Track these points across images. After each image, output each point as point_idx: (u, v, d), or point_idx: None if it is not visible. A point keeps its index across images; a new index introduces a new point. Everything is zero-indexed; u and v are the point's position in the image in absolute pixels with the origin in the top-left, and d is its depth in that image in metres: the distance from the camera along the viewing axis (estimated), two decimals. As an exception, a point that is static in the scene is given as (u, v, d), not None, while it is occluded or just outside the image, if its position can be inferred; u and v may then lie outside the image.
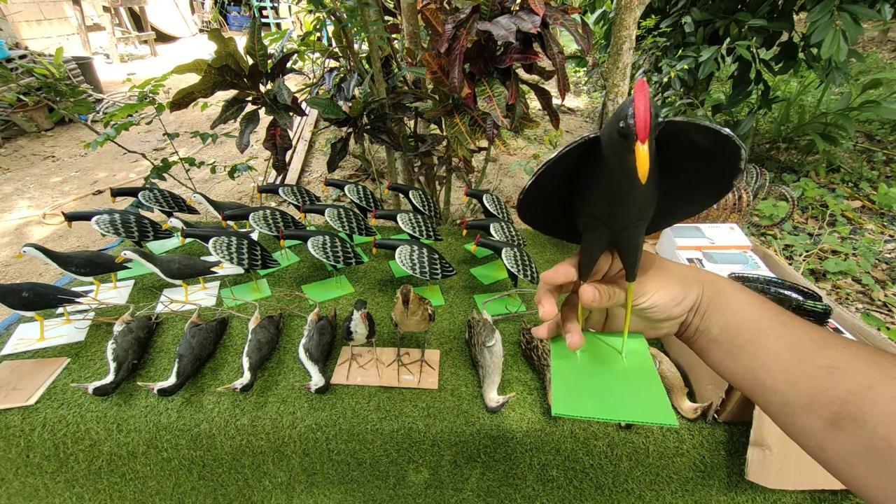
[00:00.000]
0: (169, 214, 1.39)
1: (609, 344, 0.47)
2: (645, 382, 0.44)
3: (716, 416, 0.86)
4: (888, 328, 2.00)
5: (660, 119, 0.29)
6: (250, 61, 1.46)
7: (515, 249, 1.18)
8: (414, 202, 1.43)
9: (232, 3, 9.51)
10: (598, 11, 3.84)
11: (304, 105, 1.66)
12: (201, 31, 9.30)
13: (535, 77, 1.57)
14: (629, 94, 2.95)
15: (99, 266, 1.13)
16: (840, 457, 0.34)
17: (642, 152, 0.29)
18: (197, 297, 1.18)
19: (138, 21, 7.78)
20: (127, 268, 1.19)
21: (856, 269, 2.32)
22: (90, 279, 1.15)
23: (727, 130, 0.32)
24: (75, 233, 2.92)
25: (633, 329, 0.46)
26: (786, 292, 0.88)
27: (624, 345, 0.46)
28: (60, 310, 1.09)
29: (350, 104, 1.63)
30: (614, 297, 0.42)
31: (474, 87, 1.43)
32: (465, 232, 1.30)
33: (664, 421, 0.40)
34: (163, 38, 8.43)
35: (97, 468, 0.87)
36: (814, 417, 0.35)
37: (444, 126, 1.61)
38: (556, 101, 4.91)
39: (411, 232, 1.29)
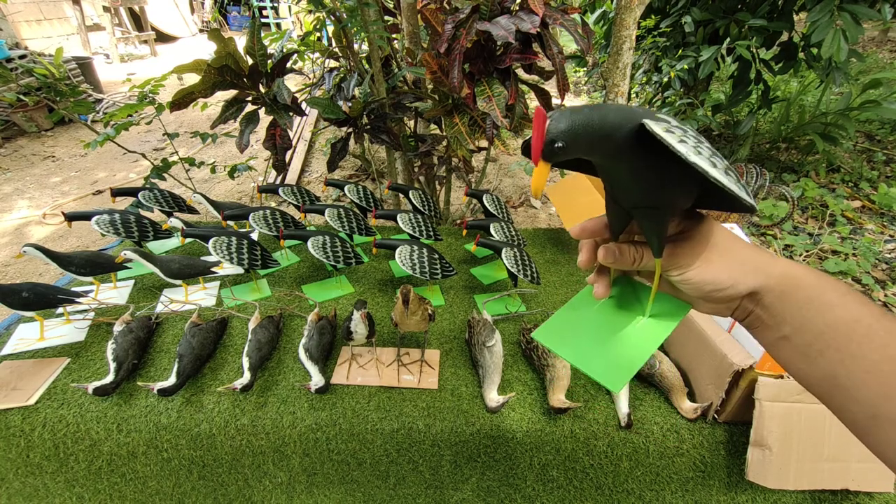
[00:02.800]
0: (169, 214, 1.39)
1: (642, 303, 0.45)
2: (633, 349, 0.42)
3: (716, 416, 0.86)
4: (888, 328, 2.00)
5: (556, 145, 0.32)
6: (250, 61, 1.46)
7: (515, 249, 1.18)
8: (414, 202, 1.43)
9: (232, 3, 9.51)
10: (598, 11, 3.83)
11: (304, 105, 1.66)
12: (201, 31, 9.30)
13: (535, 77, 1.57)
14: (629, 94, 2.95)
15: (99, 266, 1.13)
16: None
17: (535, 172, 0.33)
18: (197, 297, 1.18)
19: (138, 21, 7.78)
20: (127, 268, 1.19)
21: (856, 269, 2.32)
22: (90, 279, 1.15)
23: (715, 176, 0.32)
24: (75, 233, 2.92)
25: (683, 299, 0.43)
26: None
27: (648, 309, 0.44)
28: (60, 310, 1.09)
29: (350, 104, 1.63)
30: (640, 262, 0.40)
31: (474, 87, 1.43)
32: (465, 232, 1.30)
33: (607, 384, 0.39)
34: (163, 38, 8.43)
35: (97, 468, 0.87)
36: None
37: (443, 126, 1.61)
38: (555, 101, 4.91)
39: (411, 232, 1.29)
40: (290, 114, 1.53)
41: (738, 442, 0.85)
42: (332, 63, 2.28)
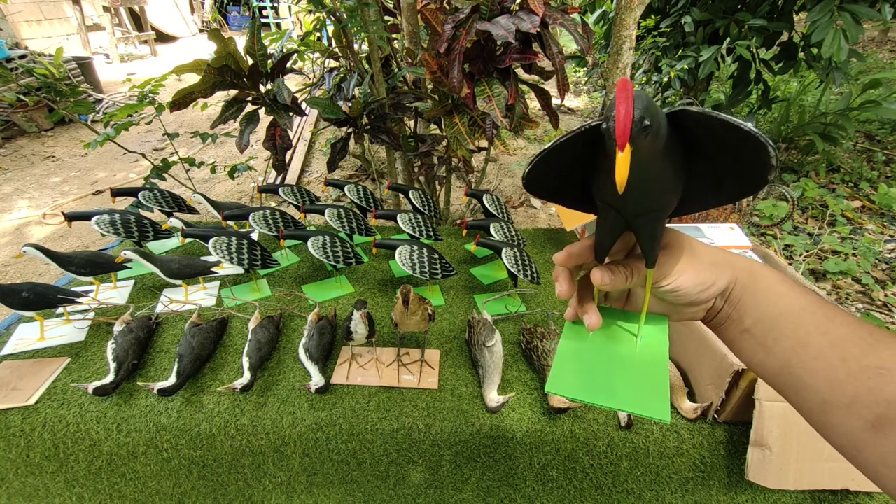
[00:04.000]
0: (169, 214, 1.39)
1: (626, 327, 0.45)
2: (650, 372, 0.42)
3: (716, 416, 0.86)
4: (888, 328, 2.00)
5: (646, 123, 0.26)
6: (250, 61, 1.46)
7: (515, 249, 1.18)
8: (414, 202, 1.43)
9: (232, 3, 9.51)
10: (598, 11, 3.84)
11: (304, 105, 1.66)
12: (201, 31, 9.30)
13: (535, 77, 1.57)
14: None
15: (99, 266, 1.13)
16: (880, 460, 0.32)
17: (621, 160, 0.27)
18: (197, 297, 1.18)
19: (138, 21, 7.78)
20: (127, 268, 1.19)
21: (856, 269, 2.32)
22: (90, 279, 1.15)
23: (750, 126, 0.30)
24: (75, 233, 2.92)
25: (657, 311, 0.44)
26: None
27: (640, 328, 0.44)
28: (60, 310, 1.09)
29: (350, 104, 1.63)
30: (633, 279, 0.40)
31: (474, 87, 1.43)
32: (465, 232, 1.30)
33: (656, 415, 0.38)
34: (163, 38, 8.43)
35: (97, 468, 0.87)
36: (854, 418, 0.33)
37: (443, 126, 1.61)
38: (555, 101, 4.91)
39: (411, 232, 1.29)
40: (290, 114, 1.53)
41: (738, 442, 0.85)
42: (332, 63, 2.28)
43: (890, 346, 0.33)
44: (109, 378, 0.87)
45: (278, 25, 8.67)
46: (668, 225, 0.40)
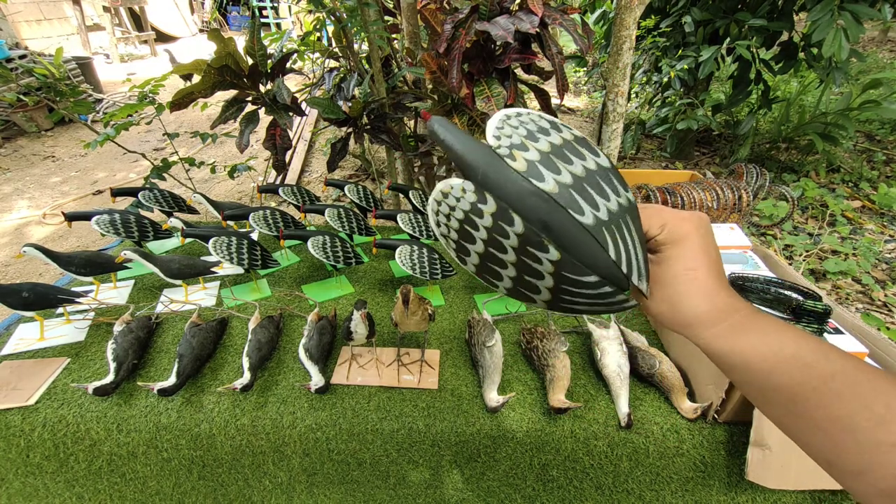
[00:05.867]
0: (169, 214, 1.39)
1: None
2: None
3: (716, 416, 0.86)
4: (888, 328, 2.00)
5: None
6: (250, 61, 1.46)
7: (515, 249, 1.18)
8: (414, 202, 1.43)
9: (232, 3, 9.51)
10: (598, 11, 3.84)
11: (303, 105, 1.66)
12: (201, 31, 9.30)
13: (534, 77, 1.57)
14: (629, 94, 2.95)
15: (99, 266, 1.13)
16: None
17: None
18: (197, 297, 1.18)
19: (138, 21, 7.78)
20: (127, 268, 1.19)
21: (856, 269, 2.32)
22: (90, 279, 1.15)
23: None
24: (75, 233, 2.92)
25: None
26: (786, 292, 0.88)
27: None
28: (60, 310, 1.09)
29: (350, 104, 1.63)
30: None
31: (473, 87, 1.43)
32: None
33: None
34: (163, 38, 8.43)
35: (97, 468, 0.87)
36: (865, 485, 0.32)
37: (443, 126, 1.61)
38: (555, 101, 4.90)
39: (411, 232, 1.29)
40: (290, 114, 1.53)
41: (738, 442, 0.85)
42: (332, 63, 2.28)
43: None
44: (109, 378, 0.87)
45: (278, 25, 8.67)
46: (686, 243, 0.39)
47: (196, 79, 1.32)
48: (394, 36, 1.99)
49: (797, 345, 0.36)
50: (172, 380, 0.87)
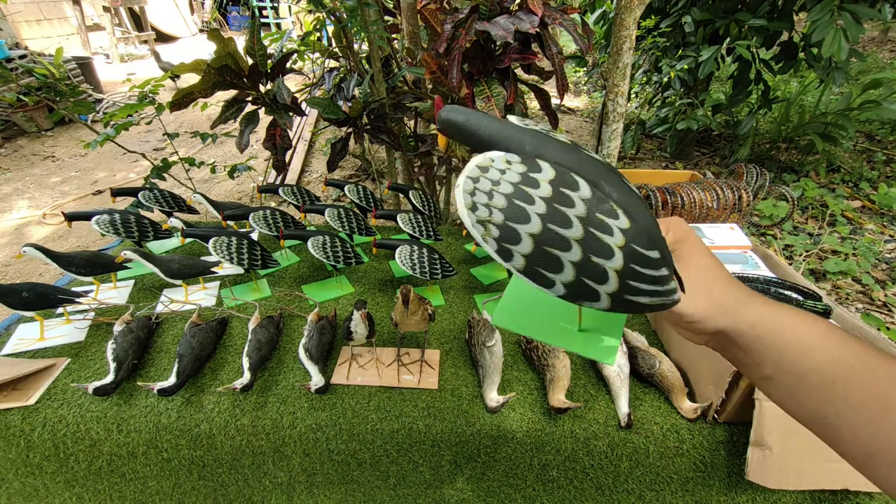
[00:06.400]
0: (169, 214, 1.39)
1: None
2: (606, 319, 0.41)
3: (716, 416, 0.86)
4: (888, 328, 2.00)
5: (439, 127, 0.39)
6: (250, 61, 1.46)
7: (515, 249, 1.18)
8: (414, 202, 1.43)
9: (232, 3, 9.51)
10: (598, 11, 3.84)
11: (303, 105, 1.66)
12: (201, 31, 9.30)
13: (534, 77, 1.57)
14: (629, 94, 2.95)
15: (99, 266, 1.13)
16: None
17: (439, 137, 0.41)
18: (197, 297, 1.18)
19: (138, 21, 7.78)
20: (127, 268, 1.19)
21: (856, 269, 2.32)
22: (90, 279, 1.15)
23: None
24: (75, 233, 2.92)
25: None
26: (786, 292, 0.88)
27: (580, 319, 0.42)
28: (60, 310, 1.09)
29: (350, 104, 1.63)
30: None
31: (473, 87, 1.43)
32: (465, 232, 1.30)
33: (600, 357, 0.38)
34: (163, 38, 8.43)
35: (97, 468, 0.87)
36: None
37: (443, 126, 1.61)
38: (555, 101, 4.90)
39: (411, 232, 1.29)
40: (290, 114, 1.53)
41: (738, 442, 0.85)
42: (332, 63, 2.28)
43: None
44: (109, 378, 0.87)
45: (278, 25, 8.67)
46: (696, 243, 0.39)
47: (185, 78, 1.32)
48: (394, 36, 1.99)
49: (824, 323, 0.36)
50: (172, 380, 0.87)
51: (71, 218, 1.25)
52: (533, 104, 4.31)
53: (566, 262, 0.31)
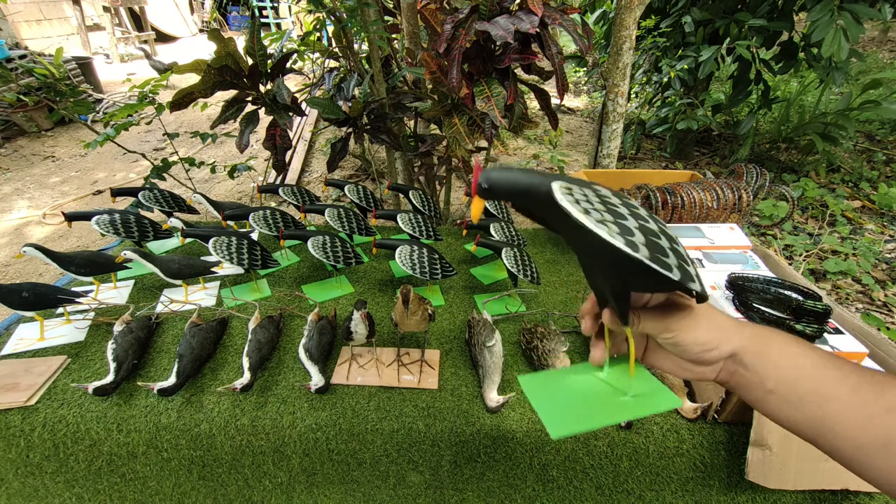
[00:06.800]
0: (169, 214, 1.39)
1: (632, 385, 0.47)
2: (595, 409, 0.44)
3: (716, 416, 0.86)
4: (888, 328, 2.00)
5: (484, 186, 0.41)
6: (250, 61, 1.46)
7: (515, 249, 1.18)
8: (414, 202, 1.43)
9: (232, 3, 9.51)
10: (598, 11, 3.84)
11: (303, 105, 1.66)
12: (201, 31, 9.30)
13: (534, 77, 1.57)
14: (629, 94, 2.95)
15: (99, 266, 1.13)
16: None
17: (474, 202, 0.43)
18: (197, 297, 1.18)
19: (138, 21, 7.78)
20: (127, 268, 1.19)
21: (856, 269, 2.32)
22: (90, 279, 1.15)
23: (621, 247, 0.35)
24: (75, 233, 2.92)
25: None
26: (786, 292, 0.88)
27: (632, 363, 0.46)
28: (60, 310, 1.09)
29: (350, 104, 1.63)
30: (637, 325, 0.44)
31: (473, 87, 1.43)
32: (465, 232, 1.30)
33: (547, 424, 0.41)
34: (163, 38, 8.43)
35: (97, 468, 0.87)
36: (892, 457, 0.35)
37: (443, 126, 1.62)
38: (555, 101, 4.90)
39: (411, 232, 1.29)
40: (290, 114, 1.53)
41: (738, 442, 0.85)
42: (332, 63, 2.28)
43: (893, 386, 0.37)
44: (109, 378, 0.87)
45: (278, 25, 8.67)
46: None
47: (184, 77, 1.32)
48: (394, 36, 1.99)
49: (809, 345, 0.42)
50: (172, 380, 0.87)
51: (71, 218, 1.25)
52: (533, 104, 4.31)
53: (667, 250, 0.36)
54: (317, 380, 0.89)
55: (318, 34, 2.38)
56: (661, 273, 0.35)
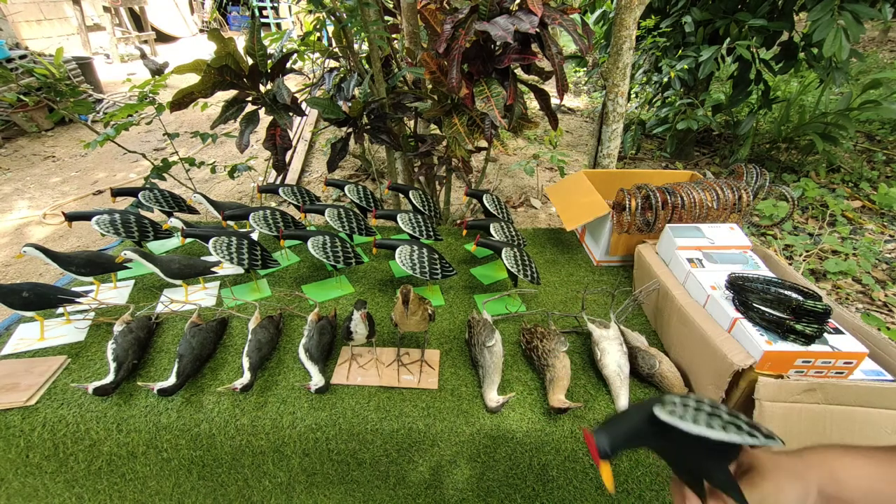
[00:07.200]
0: (169, 214, 1.39)
1: None
2: None
3: (716, 416, 0.86)
4: (888, 328, 2.00)
5: (607, 451, 0.44)
6: (250, 61, 1.46)
7: (515, 249, 1.18)
8: (414, 202, 1.43)
9: (232, 3, 9.51)
10: (598, 11, 3.83)
11: (303, 105, 1.66)
12: (201, 31, 9.30)
13: (534, 77, 1.57)
14: (629, 94, 2.95)
15: (99, 266, 1.13)
16: None
17: (603, 470, 0.45)
18: (197, 297, 1.18)
19: (138, 21, 7.78)
20: (127, 268, 1.19)
21: (856, 269, 2.32)
22: (90, 279, 1.15)
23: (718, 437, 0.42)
24: (75, 233, 2.92)
25: None
26: (786, 292, 0.88)
27: None
28: (60, 310, 1.09)
29: (350, 104, 1.63)
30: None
31: (472, 87, 1.43)
32: (465, 232, 1.30)
33: None
34: (163, 38, 8.43)
35: (97, 468, 0.87)
36: None
37: (443, 126, 1.62)
38: (555, 101, 4.90)
39: (411, 232, 1.29)
40: (290, 114, 1.53)
41: (737, 442, 0.85)
42: (332, 63, 2.28)
43: None
44: (109, 378, 0.87)
45: (278, 25, 8.67)
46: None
47: (184, 77, 1.32)
48: (394, 36, 1.99)
49: (862, 450, 0.46)
50: (172, 380, 0.87)
51: (71, 218, 1.25)
52: (533, 104, 4.31)
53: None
54: (317, 380, 0.89)
55: (318, 34, 2.37)
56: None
